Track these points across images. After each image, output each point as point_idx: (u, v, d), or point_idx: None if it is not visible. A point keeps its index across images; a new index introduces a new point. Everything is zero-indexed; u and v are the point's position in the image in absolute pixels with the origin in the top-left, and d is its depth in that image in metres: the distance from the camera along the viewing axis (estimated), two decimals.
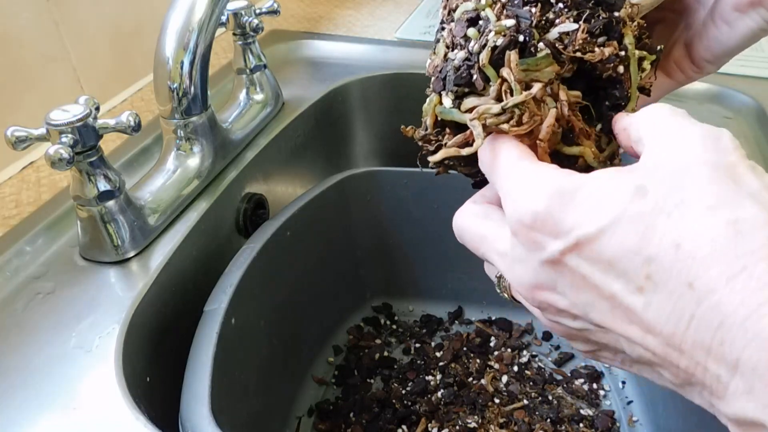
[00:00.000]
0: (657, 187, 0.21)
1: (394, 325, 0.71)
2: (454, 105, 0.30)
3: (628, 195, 0.22)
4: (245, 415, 0.51)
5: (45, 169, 0.60)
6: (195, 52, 0.50)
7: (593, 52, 0.28)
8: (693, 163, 0.22)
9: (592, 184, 0.23)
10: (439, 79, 0.30)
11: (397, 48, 0.81)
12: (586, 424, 0.59)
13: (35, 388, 0.40)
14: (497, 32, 0.28)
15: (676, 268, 0.20)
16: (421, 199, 0.65)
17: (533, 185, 0.24)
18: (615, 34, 0.29)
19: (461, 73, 0.29)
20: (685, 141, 0.22)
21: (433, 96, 0.31)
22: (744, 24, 0.31)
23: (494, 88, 0.28)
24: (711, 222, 0.20)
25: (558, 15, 0.28)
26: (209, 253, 0.54)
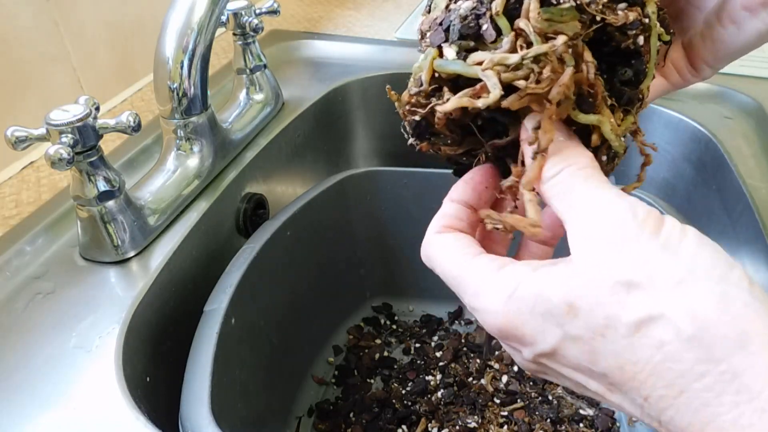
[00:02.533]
0: (584, 304, 0.22)
1: (394, 325, 0.71)
2: (459, 57, 0.26)
3: (563, 315, 0.22)
4: (245, 415, 0.51)
5: (45, 169, 0.60)
6: (195, 52, 0.50)
7: (617, 15, 0.25)
8: (612, 275, 0.22)
9: (532, 297, 0.23)
10: (440, 30, 0.26)
11: (397, 48, 0.81)
12: (586, 424, 0.59)
13: (35, 388, 0.40)
14: None
15: (628, 385, 0.22)
16: (421, 199, 0.65)
17: (488, 299, 0.24)
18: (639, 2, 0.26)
19: (468, 22, 0.25)
20: (607, 245, 0.22)
21: (429, 51, 0.27)
22: (753, 25, 0.30)
23: (508, 40, 0.24)
24: (638, 344, 0.21)
25: None
26: (209, 253, 0.54)
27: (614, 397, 0.23)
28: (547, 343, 0.23)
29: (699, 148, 0.63)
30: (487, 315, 0.25)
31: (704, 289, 0.21)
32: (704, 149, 0.62)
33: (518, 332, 0.24)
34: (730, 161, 0.58)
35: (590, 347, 0.22)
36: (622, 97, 0.28)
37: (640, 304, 0.21)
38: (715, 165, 0.60)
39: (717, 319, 0.20)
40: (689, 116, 0.64)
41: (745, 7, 0.29)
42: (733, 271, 0.21)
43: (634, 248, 0.22)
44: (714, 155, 0.61)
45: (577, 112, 0.26)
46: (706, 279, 0.21)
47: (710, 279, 0.21)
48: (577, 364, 0.23)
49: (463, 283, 0.26)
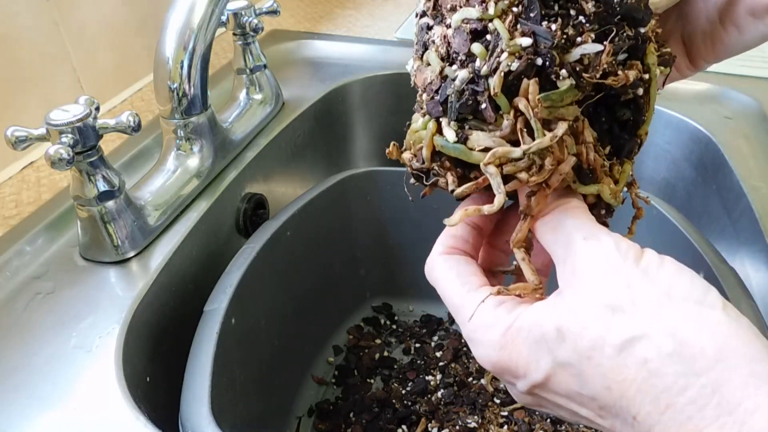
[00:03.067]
0: (571, 328, 0.23)
1: (394, 325, 0.71)
2: (459, 138, 0.26)
3: (553, 341, 0.24)
4: (245, 415, 0.51)
5: (45, 169, 0.60)
6: (195, 52, 0.50)
7: (616, 75, 0.25)
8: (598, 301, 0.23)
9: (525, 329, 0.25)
10: (437, 102, 0.26)
11: (397, 48, 0.81)
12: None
13: (35, 388, 0.40)
14: (511, 53, 0.24)
15: (617, 405, 0.23)
16: (421, 199, 0.65)
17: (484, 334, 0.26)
18: (639, 53, 0.26)
19: (466, 100, 0.25)
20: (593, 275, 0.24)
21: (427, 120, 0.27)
22: (756, 28, 0.30)
23: (508, 123, 0.24)
24: (624, 364, 0.22)
25: (579, 31, 0.24)
26: (209, 253, 0.54)
27: (606, 421, 0.24)
28: (539, 372, 0.24)
29: (699, 148, 0.63)
30: (484, 348, 0.26)
31: (682, 310, 0.22)
32: (704, 149, 0.62)
33: (512, 364, 0.25)
34: (730, 161, 0.58)
35: (578, 371, 0.23)
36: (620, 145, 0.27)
37: (624, 325, 0.22)
38: (715, 165, 0.60)
39: (695, 336, 0.21)
40: (689, 116, 0.64)
41: (751, 12, 0.29)
42: (708, 294, 0.23)
43: (618, 276, 0.23)
44: (714, 155, 0.61)
45: (578, 184, 0.26)
46: (683, 301, 0.22)
47: (687, 301, 0.22)
48: (567, 391, 0.24)
49: (462, 313, 0.27)
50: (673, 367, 0.21)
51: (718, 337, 0.21)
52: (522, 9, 0.24)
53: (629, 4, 0.25)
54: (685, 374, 0.21)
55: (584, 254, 0.24)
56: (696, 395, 0.21)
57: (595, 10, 0.24)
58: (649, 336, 0.22)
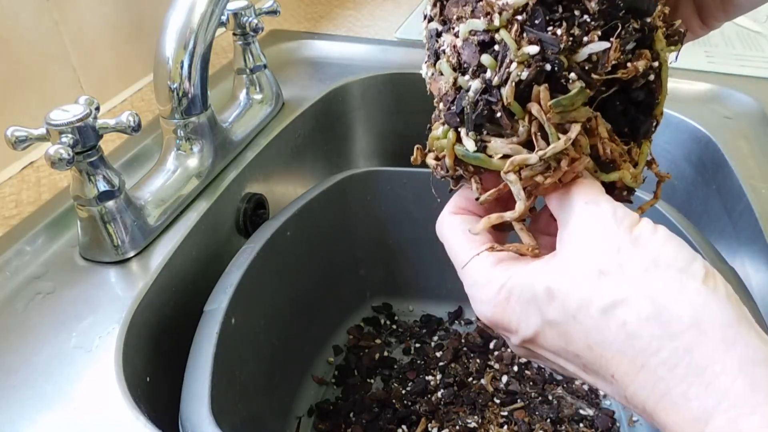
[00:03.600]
0: (561, 289, 0.25)
1: (394, 325, 0.71)
2: (479, 147, 0.27)
3: (543, 300, 0.25)
4: (245, 415, 0.51)
5: (45, 169, 0.60)
6: (195, 52, 0.50)
7: (626, 68, 0.25)
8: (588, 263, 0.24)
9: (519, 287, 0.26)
10: (453, 113, 0.27)
11: (397, 48, 0.81)
12: (586, 424, 0.59)
13: (35, 388, 0.40)
14: (520, 62, 0.24)
15: (597, 363, 0.24)
16: (421, 199, 0.65)
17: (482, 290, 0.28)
18: (648, 42, 0.26)
19: (481, 110, 0.26)
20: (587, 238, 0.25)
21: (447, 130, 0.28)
22: None
23: (524, 130, 0.25)
24: (605, 325, 0.23)
25: (585, 30, 0.24)
26: (209, 253, 0.54)
27: (589, 377, 0.26)
28: (529, 329, 0.26)
29: (699, 148, 0.63)
30: (481, 305, 0.28)
31: (665, 277, 0.23)
32: (704, 149, 0.63)
33: (506, 320, 0.27)
34: (730, 161, 0.58)
35: (564, 329, 0.25)
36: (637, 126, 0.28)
37: (609, 289, 0.23)
38: (715, 165, 0.60)
39: (673, 302, 0.22)
40: (689, 116, 0.64)
41: None
42: (693, 263, 0.24)
43: (610, 241, 0.24)
44: (714, 155, 0.61)
45: (600, 173, 0.27)
46: (667, 268, 0.23)
47: (671, 268, 0.23)
48: (555, 348, 0.26)
49: (466, 271, 0.29)
50: (649, 330, 0.22)
51: (695, 304, 0.22)
52: (526, 17, 0.25)
53: None
54: (660, 337, 0.22)
55: (581, 218, 0.25)
56: (668, 356, 0.22)
57: (599, 8, 0.24)
58: (630, 300, 0.23)
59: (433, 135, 0.29)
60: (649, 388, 0.22)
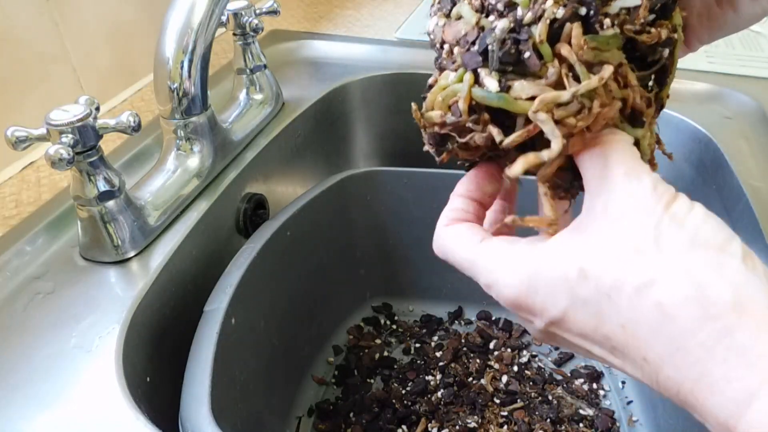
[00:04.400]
0: (595, 268, 0.24)
1: (394, 325, 0.71)
2: (502, 88, 0.25)
3: (574, 279, 0.24)
4: (245, 415, 0.51)
5: (45, 169, 0.60)
6: (195, 52, 0.50)
7: (650, 32, 0.25)
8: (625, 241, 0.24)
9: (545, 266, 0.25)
10: (475, 53, 0.25)
11: (397, 48, 0.81)
12: (586, 424, 0.59)
13: (35, 388, 0.40)
14: (556, 1, 0.24)
15: (629, 344, 0.23)
16: (421, 199, 0.65)
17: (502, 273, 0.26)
18: (668, 13, 0.26)
19: (509, 48, 0.24)
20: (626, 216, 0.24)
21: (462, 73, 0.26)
22: (752, 10, 0.30)
23: (554, 71, 0.24)
24: (639, 305, 0.23)
25: None
26: (209, 253, 0.54)
27: (616, 360, 0.25)
28: (557, 308, 0.25)
29: (699, 148, 0.63)
30: (502, 288, 0.26)
31: (704, 256, 0.22)
32: (704, 149, 0.62)
33: (530, 300, 0.25)
34: (730, 161, 0.58)
35: (597, 309, 0.24)
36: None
37: (644, 267, 0.23)
38: (715, 165, 0.60)
39: (713, 281, 0.22)
40: (689, 116, 0.64)
41: None
42: (732, 242, 0.23)
43: (647, 219, 0.23)
44: (714, 155, 0.61)
45: (626, 125, 0.26)
46: (706, 248, 0.22)
47: (710, 247, 0.22)
48: (583, 330, 0.25)
49: (477, 264, 0.27)
50: (688, 310, 0.22)
51: (736, 284, 0.21)
52: None
53: None
54: (699, 318, 0.21)
55: (621, 192, 0.24)
56: (707, 337, 0.21)
57: None
58: (667, 279, 0.22)
59: (439, 85, 0.27)
60: (685, 370, 0.22)
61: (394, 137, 0.79)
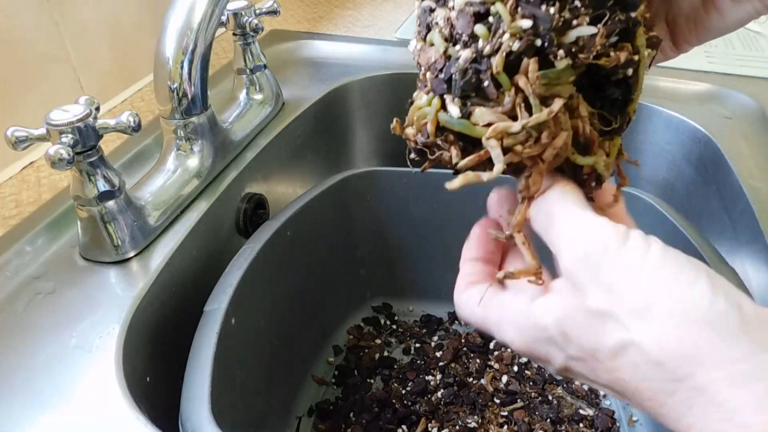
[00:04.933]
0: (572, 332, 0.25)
1: (394, 325, 0.71)
2: (463, 114, 0.27)
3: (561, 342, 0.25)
4: (245, 415, 0.51)
5: (45, 169, 0.60)
6: (195, 52, 0.50)
7: (609, 56, 0.26)
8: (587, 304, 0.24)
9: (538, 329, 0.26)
10: (441, 80, 0.27)
11: (397, 48, 0.81)
12: (586, 424, 0.59)
13: (35, 388, 0.40)
14: (513, 34, 0.25)
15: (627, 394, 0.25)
16: (421, 199, 0.65)
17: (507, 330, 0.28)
18: (630, 36, 0.27)
19: (469, 78, 0.26)
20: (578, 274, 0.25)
21: (432, 97, 0.28)
22: (735, 13, 0.31)
23: (510, 99, 0.26)
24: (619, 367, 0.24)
25: (575, 14, 0.25)
26: (209, 253, 0.54)
27: (626, 400, 0.26)
28: (558, 362, 0.27)
29: (699, 148, 0.63)
30: (511, 342, 0.28)
31: (664, 314, 0.22)
32: (704, 149, 0.63)
33: (536, 354, 0.27)
34: (730, 161, 0.58)
35: (590, 365, 0.25)
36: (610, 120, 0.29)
37: (614, 332, 0.24)
38: (715, 165, 0.60)
39: (677, 342, 0.22)
40: (689, 116, 0.64)
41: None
42: (695, 287, 0.23)
43: (601, 279, 0.24)
44: (714, 155, 0.61)
45: (576, 155, 0.28)
46: (669, 300, 0.23)
47: (671, 299, 0.23)
48: (587, 377, 0.26)
49: (486, 323, 0.29)
50: (659, 374, 0.23)
51: (700, 340, 0.22)
52: None
53: None
54: (670, 380, 0.22)
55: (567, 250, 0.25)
56: (685, 397, 0.22)
57: None
58: (636, 343, 0.23)
59: (415, 105, 0.29)
60: (674, 419, 0.23)
61: (394, 137, 0.79)
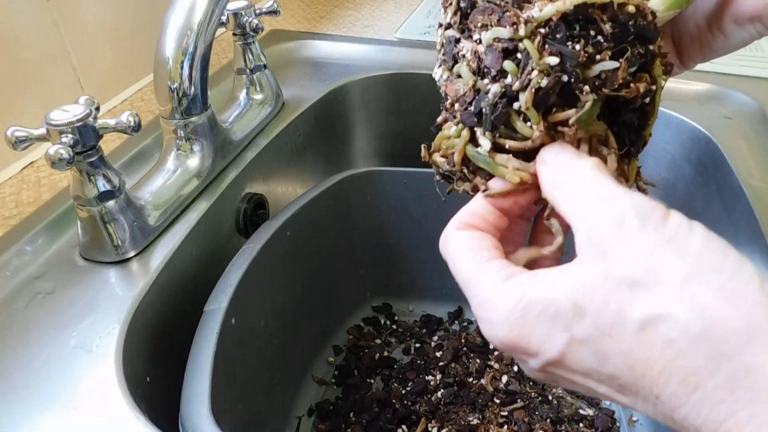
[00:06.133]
0: (590, 303, 0.22)
1: (394, 325, 0.71)
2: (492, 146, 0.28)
3: (569, 316, 0.23)
4: (245, 415, 0.51)
5: (45, 169, 0.60)
6: (195, 52, 0.50)
7: (629, 88, 0.27)
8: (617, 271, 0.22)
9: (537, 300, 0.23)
10: (471, 113, 0.28)
11: (397, 48, 0.81)
12: (586, 424, 0.59)
13: (35, 388, 0.40)
14: (541, 71, 0.26)
15: (639, 384, 0.22)
16: (421, 199, 0.65)
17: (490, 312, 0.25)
18: (648, 67, 0.28)
19: (499, 113, 0.27)
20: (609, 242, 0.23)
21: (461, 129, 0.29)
22: (739, 35, 0.31)
23: (539, 134, 0.27)
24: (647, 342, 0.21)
25: (597, 49, 0.27)
26: (209, 253, 0.54)
27: (625, 398, 0.23)
28: (554, 349, 0.23)
29: (699, 148, 0.63)
30: (493, 326, 0.25)
31: (713, 286, 0.20)
32: (704, 149, 0.62)
33: (524, 342, 0.24)
34: (730, 161, 0.58)
35: (598, 348, 0.22)
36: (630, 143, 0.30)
37: (645, 302, 0.21)
38: (715, 165, 0.60)
39: (726, 315, 0.20)
40: (689, 116, 0.64)
41: (734, 20, 0.31)
42: (742, 267, 0.21)
43: (637, 245, 0.22)
44: (714, 155, 0.61)
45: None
46: (715, 274, 0.21)
47: (720, 274, 0.21)
48: (585, 369, 0.23)
49: (471, 288, 0.26)
50: (701, 349, 0.20)
51: (752, 316, 0.20)
52: (549, 30, 0.27)
53: (641, 26, 0.27)
54: (714, 356, 0.20)
55: (599, 218, 0.23)
56: (726, 378, 0.20)
57: (612, 31, 0.27)
58: (674, 314, 0.21)
59: (443, 134, 0.31)
60: (706, 410, 0.20)
61: (394, 137, 0.79)
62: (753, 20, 0.30)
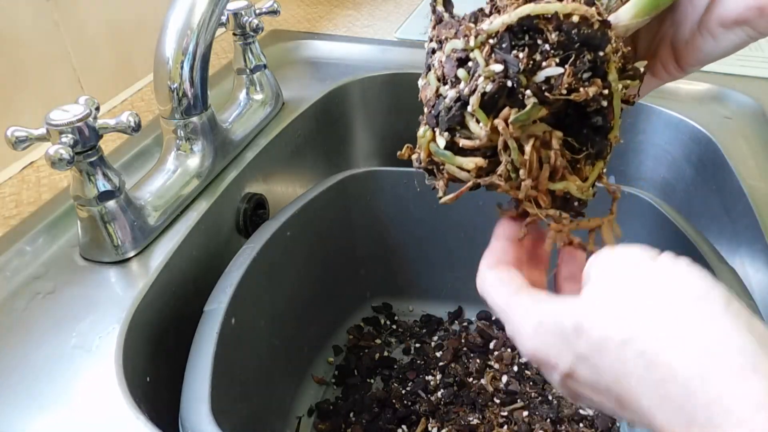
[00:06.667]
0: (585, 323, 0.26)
1: (394, 325, 0.71)
2: (447, 144, 0.31)
3: (571, 335, 0.26)
4: (245, 415, 0.51)
5: (45, 169, 0.60)
6: (195, 52, 0.50)
7: (578, 91, 0.29)
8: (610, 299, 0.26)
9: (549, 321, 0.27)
10: (433, 116, 0.32)
11: (397, 48, 0.81)
12: (586, 424, 0.59)
13: (35, 388, 0.40)
14: (486, 77, 0.29)
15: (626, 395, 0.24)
16: (421, 199, 0.65)
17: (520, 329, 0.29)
18: (599, 72, 0.30)
19: (453, 115, 0.30)
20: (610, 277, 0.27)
21: (426, 130, 0.32)
22: (728, 38, 0.32)
23: (485, 134, 0.30)
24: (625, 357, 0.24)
25: (544, 56, 0.29)
26: (209, 253, 0.54)
27: (625, 413, 0.26)
28: (565, 364, 0.27)
29: (699, 148, 0.63)
30: (524, 342, 0.29)
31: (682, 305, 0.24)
32: (704, 149, 0.63)
33: (544, 356, 0.28)
34: (730, 161, 0.58)
35: (593, 363, 0.25)
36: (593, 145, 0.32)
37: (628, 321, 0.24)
38: (715, 165, 0.60)
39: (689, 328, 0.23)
40: (689, 116, 0.64)
41: (720, 23, 0.32)
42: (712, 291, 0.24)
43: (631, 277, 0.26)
44: (714, 155, 0.61)
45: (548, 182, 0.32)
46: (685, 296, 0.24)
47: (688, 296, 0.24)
48: (590, 383, 0.26)
49: (507, 315, 0.30)
50: (665, 357, 0.23)
51: (712, 331, 0.22)
52: (496, 41, 0.30)
53: (587, 34, 0.29)
54: (676, 364, 0.22)
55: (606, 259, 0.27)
56: (685, 383, 0.22)
57: (558, 39, 0.29)
58: (648, 330, 0.23)
59: (418, 134, 0.34)
60: (673, 415, 0.22)
61: (394, 137, 0.79)
62: (738, 23, 0.31)
